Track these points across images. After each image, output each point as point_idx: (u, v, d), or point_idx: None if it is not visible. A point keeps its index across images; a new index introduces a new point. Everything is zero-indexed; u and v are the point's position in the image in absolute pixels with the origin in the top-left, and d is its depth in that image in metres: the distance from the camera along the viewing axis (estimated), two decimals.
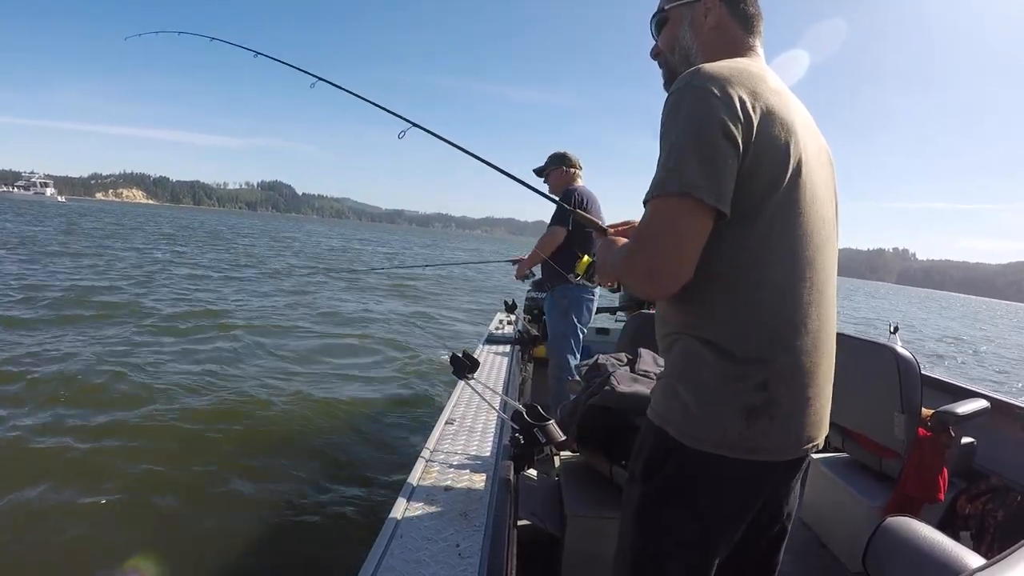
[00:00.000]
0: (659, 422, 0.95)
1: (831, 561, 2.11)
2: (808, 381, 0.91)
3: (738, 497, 0.93)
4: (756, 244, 0.87)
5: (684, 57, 1.06)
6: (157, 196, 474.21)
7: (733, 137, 0.83)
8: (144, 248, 18.86)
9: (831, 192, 1.00)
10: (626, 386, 1.83)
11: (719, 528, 0.94)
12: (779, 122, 0.87)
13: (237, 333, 6.99)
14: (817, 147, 0.97)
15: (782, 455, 0.91)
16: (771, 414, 0.87)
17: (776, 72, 1.00)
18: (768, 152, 0.86)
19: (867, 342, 2.13)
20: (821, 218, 0.94)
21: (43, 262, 12.29)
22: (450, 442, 1.76)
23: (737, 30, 1.03)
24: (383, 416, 4.57)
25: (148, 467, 3.31)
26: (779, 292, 0.88)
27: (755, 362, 0.87)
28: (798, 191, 0.89)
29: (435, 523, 1.26)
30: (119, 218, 45.80)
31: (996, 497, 2.01)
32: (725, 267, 0.88)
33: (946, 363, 12.97)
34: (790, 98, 0.94)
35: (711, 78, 0.87)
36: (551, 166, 3.32)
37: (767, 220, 0.87)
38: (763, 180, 0.86)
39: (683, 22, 1.06)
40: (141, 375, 4.95)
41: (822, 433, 0.97)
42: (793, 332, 0.89)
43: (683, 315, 0.93)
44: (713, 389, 0.88)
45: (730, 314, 0.88)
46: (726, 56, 0.99)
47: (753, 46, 1.04)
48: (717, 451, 0.88)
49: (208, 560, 2.59)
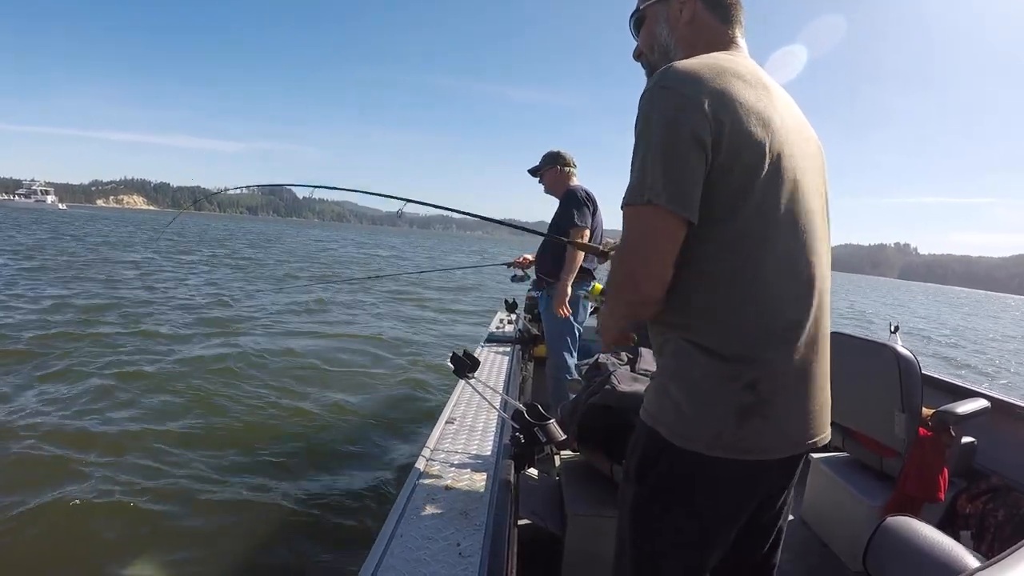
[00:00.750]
0: (651, 422, 0.94)
1: (831, 560, 2.12)
2: (800, 378, 0.90)
3: (732, 497, 0.93)
4: (738, 242, 0.86)
5: (664, 55, 1.05)
6: (158, 202, 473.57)
7: (702, 140, 0.82)
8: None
9: (819, 184, 0.97)
10: (627, 385, 1.83)
11: (714, 528, 0.94)
12: (754, 118, 0.86)
13: (240, 335, 7.00)
14: (801, 139, 0.94)
15: (777, 454, 0.90)
16: (763, 414, 0.87)
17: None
18: (743, 149, 0.85)
19: (867, 341, 2.13)
20: (807, 211, 0.92)
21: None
22: (451, 441, 1.77)
23: (714, 22, 1.01)
24: (383, 415, 4.57)
25: (148, 467, 3.32)
26: (764, 289, 0.87)
27: (744, 361, 0.86)
28: (779, 186, 0.87)
29: (436, 522, 1.26)
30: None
31: (996, 497, 2.01)
32: (709, 267, 0.87)
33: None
34: (768, 91, 0.92)
35: (680, 78, 0.86)
36: (546, 166, 3.28)
37: (747, 217, 0.86)
38: (739, 177, 0.85)
39: (659, 19, 1.05)
40: (141, 374, 4.97)
41: (822, 431, 0.96)
42: (781, 329, 0.88)
43: (672, 317, 0.92)
44: (704, 389, 0.88)
45: (716, 314, 0.88)
46: (706, 50, 0.98)
47: (733, 37, 1.01)
48: (710, 452, 0.87)
49: (209, 560, 2.59)
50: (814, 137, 1.00)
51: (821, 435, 0.96)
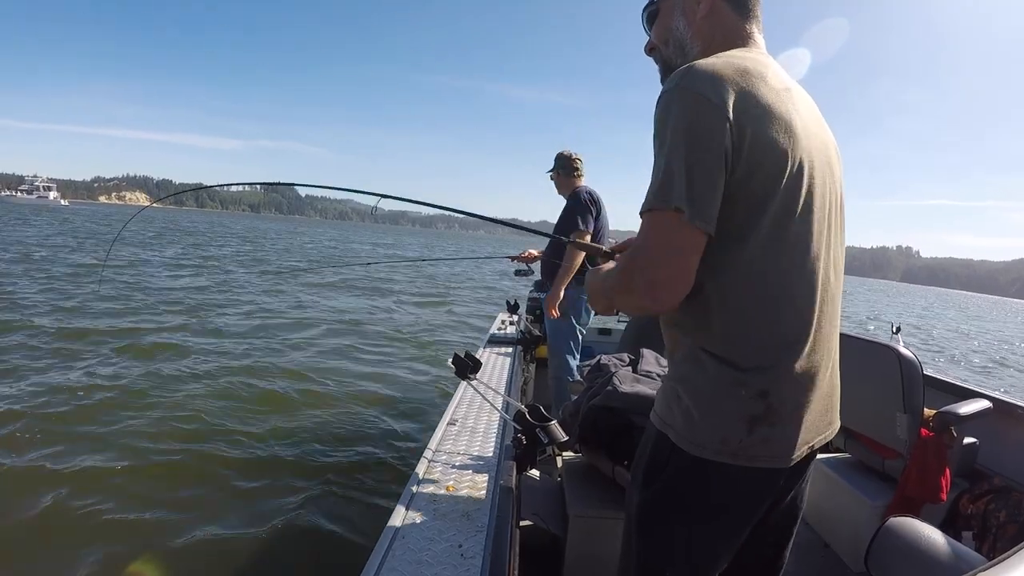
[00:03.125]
0: (660, 426, 0.94)
1: (834, 561, 2.11)
2: (809, 386, 0.89)
3: (740, 503, 0.92)
4: (755, 251, 0.84)
5: (679, 49, 1.02)
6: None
7: (723, 146, 0.80)
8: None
9: (836, 189, 0.96)
10: (628, 386, 1.83)
11: (722, 533, 0.94)
12: (777, 122, 0.84)
13: (240, 334, 7.00)
14: (821, 144, 0.92)
15: (785, 462, 0.89)
16: (771, 421, 0.86)
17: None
18: (764, 155, 0.83)
19: (870, 342, 2.13)
20: (825, 219, 0.90)
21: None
22: (452, 443, 1.77)
23: (732, 16, 0.98)
24: (385, 417, 4.57)
25: (147, 468, 3.33)
26: (780, 299, 0.86)
27: (755, 370, 0.86)
28: (798, 193, 0.86)
29: (437, 524, 1.26)
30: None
31: (998, 497, 2.01)
32: (725, 276, 0.86)
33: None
34: (790, 93, 0.89)
35: (702, 79, 0.83)
36: (556, 167, 3.36)
37: (766, 226, 0.84)
38: (760, 184, 0.83)
39: (675, 12, 1.02)
40: (141, 374, 4.98)
41: (829, 431, 0.96)
42: (794, 339, 0.87)
43: (685, 322, 0.92)
44: (714, 396, 0.87)
45: (730, 323, 0.87)
46: (723, 45, 0.96)
47: (751, 32, 0.99)
48: (718, 458, 0.87)
49: (209, 561, 2.59)
50: (832, 140, 0.99)
51: (830, 432, 0.96)
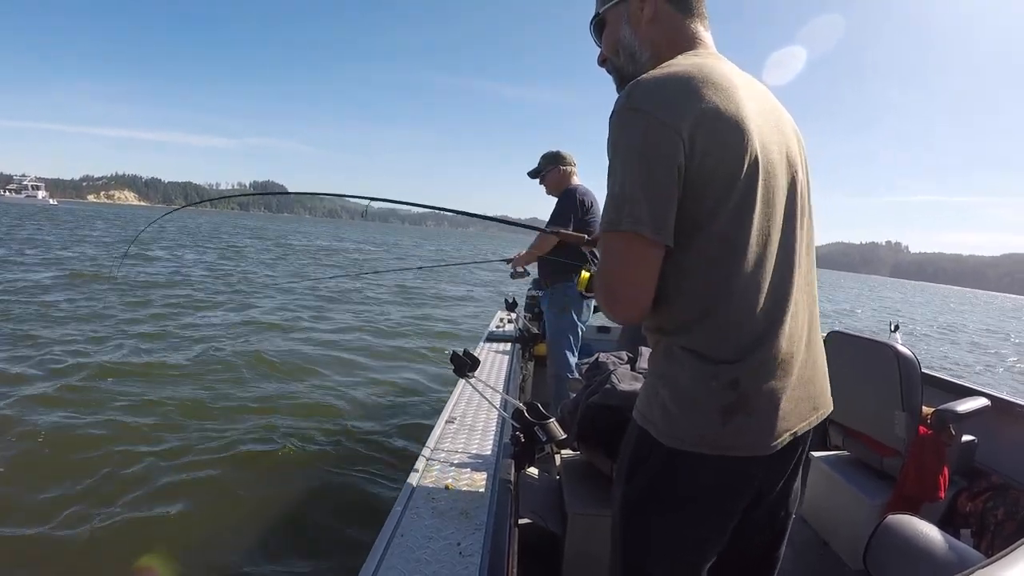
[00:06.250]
0: (642, 422, 0.96)
1: (832, 559, 2.12)
2: (782, 374, 0.90)
3: (719, 494, 0.93)
4: (717, 250, 0.87)
5: (630, 57, 1.03)
6: (149, 197, 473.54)
7: (676, 160, 0.82)
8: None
9: (800, 177, 0.97)
10: (627, 384, 1.83)
11: (704, 525, 0.95)
12: (727, 124, 0.85)
13: (240, 333, 6.99)
14: (778, 134, 0.94)
15: (763, 450, 0.90)
16: (746, 411, 0.88)
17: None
18: (719, 160, 0.84)
19: (867, 340, 2.13)
20: (787, 207, 0.93)
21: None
22: (451, 441, 1.77)
23: (676, 17, 0.99)
24: (384, 415, 4.57)
25: (146, 468, 3.32)
26: (745, 293, 0.88)
27: (725, 362, 0.88)
28: (755, 189, 0.87)
29: (436, 522, 1.26)
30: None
31: (997, 495, 2.01)
32: (688, 278, 0.88)
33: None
34: (740, 91, 0.90)
35: (649, 97, 0.85)
36: (546, 167, 3.27)
37: (725, 224, 0.86)
38: (717, 187, 0.85)
39: (621, 21, 1.03)
40: (142, 374, 4.97)
41: (814, 417, 0.97)
42: (763, 329, 0.89)
43: (659, 321, 0.94)
44: (688, 389, 0.89)
45: (699, 321, 0.89)
46: (671, 48, 0.97)
47: (696, 31, 1.00)
48: (695, 449, 0.89)
49: (209, 559, 2.59)
50: (791, 127, 0.99)
51: (814, 415, 0.97)
